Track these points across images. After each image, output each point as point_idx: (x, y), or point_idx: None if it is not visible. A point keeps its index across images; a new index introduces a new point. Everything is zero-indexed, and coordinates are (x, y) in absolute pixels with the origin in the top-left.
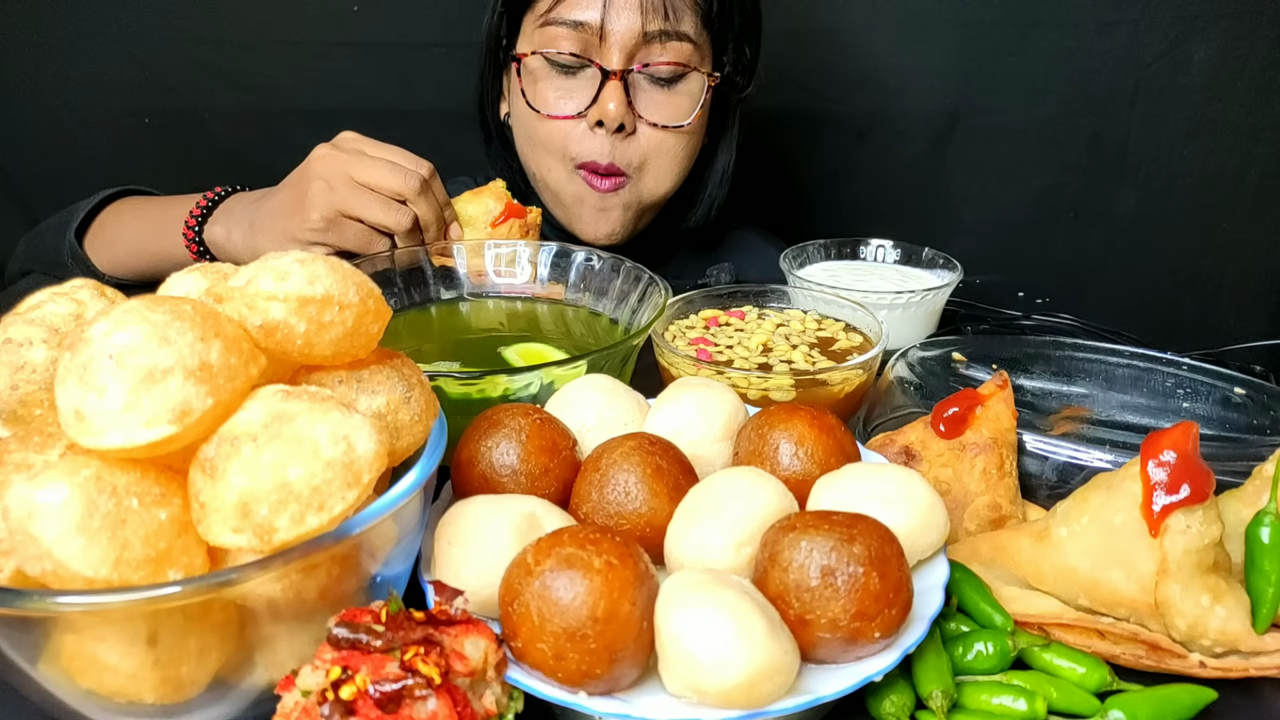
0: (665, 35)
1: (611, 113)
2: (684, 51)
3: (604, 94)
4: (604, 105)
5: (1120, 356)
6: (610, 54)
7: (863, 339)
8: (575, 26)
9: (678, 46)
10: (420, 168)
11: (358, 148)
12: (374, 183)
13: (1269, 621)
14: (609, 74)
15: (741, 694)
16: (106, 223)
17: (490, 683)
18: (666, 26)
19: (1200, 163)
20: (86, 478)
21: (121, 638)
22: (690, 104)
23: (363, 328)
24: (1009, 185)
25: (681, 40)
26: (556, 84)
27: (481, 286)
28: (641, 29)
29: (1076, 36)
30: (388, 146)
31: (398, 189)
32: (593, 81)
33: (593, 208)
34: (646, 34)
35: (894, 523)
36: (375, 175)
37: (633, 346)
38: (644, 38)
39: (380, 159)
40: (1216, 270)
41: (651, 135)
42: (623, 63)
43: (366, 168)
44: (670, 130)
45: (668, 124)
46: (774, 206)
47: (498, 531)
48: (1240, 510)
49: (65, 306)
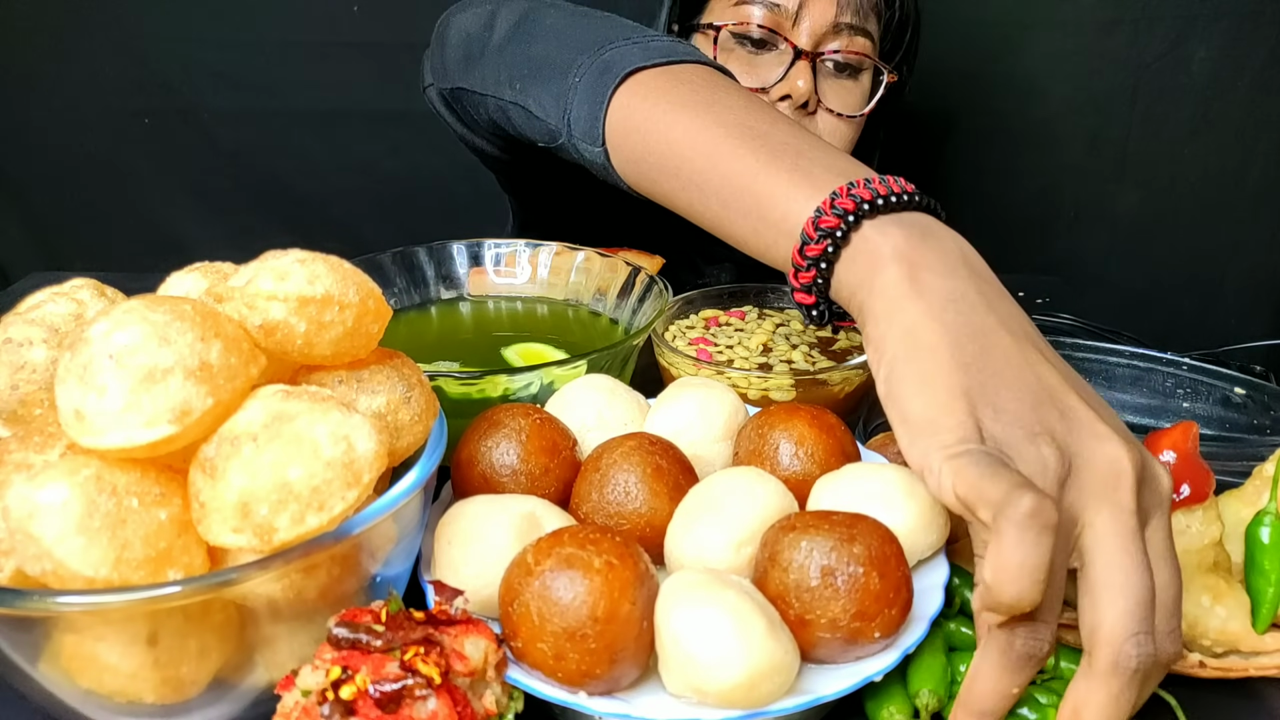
0: (852, 29)
1: (800, 89)
2: (865, 46)
3: (793, 71)
4: (793, 81)
5: (1120, 356)
6: (801, 36)
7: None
8: (771, 7)
9: (862, 42)
10: None
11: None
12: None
13: (1269, 621)
14: (801, 53)
15: (741, 694)
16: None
17: (490, 683)
18: (855, 21)
19: (1200, 162)
20: (86, 478)
21: (121, 638)
22: (864, 96)
23: (363, 328)
24: (1009, 185)
25: (865, 36)
26: (744, 58)
27: (482, 286)
28: (834, 19)
29: (1076, 36)
30: None
31: None
32: (781, 59)
33: None
34: (837, 25)
35: (894, 523)
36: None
37: (633, 346)
38: (834, 28)
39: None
40: (1216, 270)
41: (827, 120)
42: (812, 46)
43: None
44: (844, 119)
45: (844, 112)
46: None
47: (498, 531)
48: (1240, 510)
49: (65, 306)
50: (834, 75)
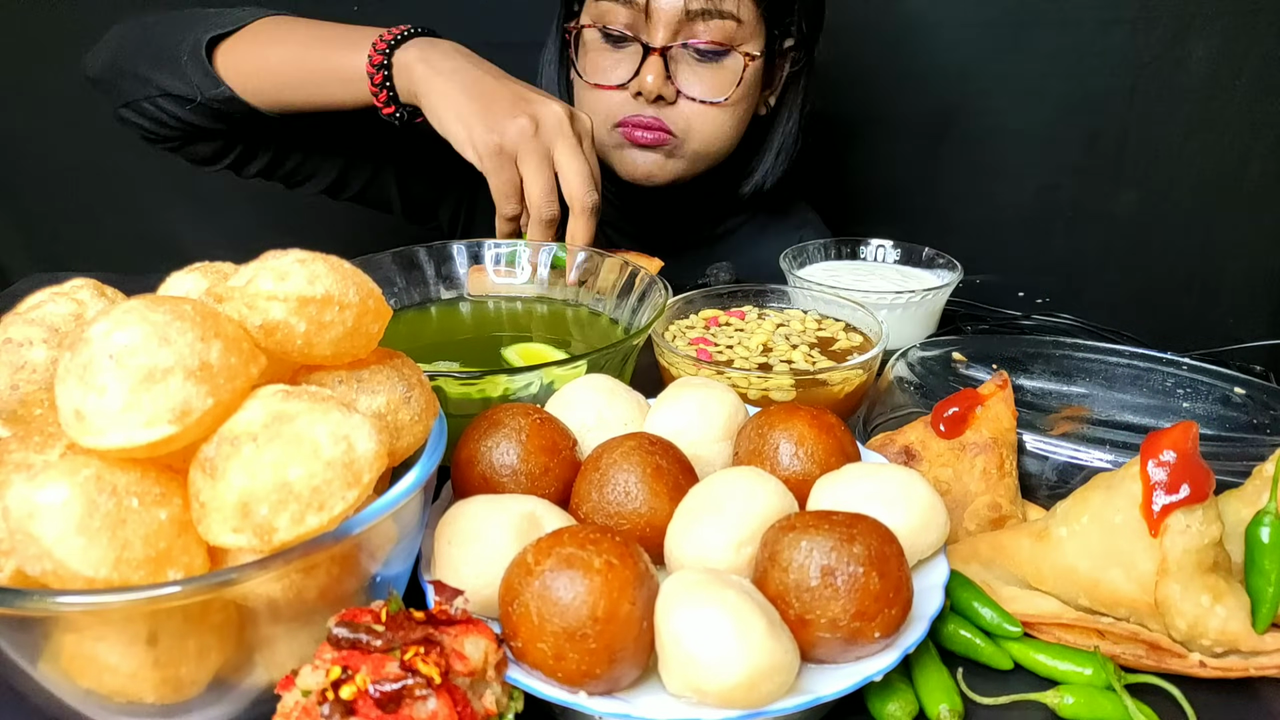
0: (708, 14)
1: (649, 85)
2: (727, 29)
3: (644, 67)
4: (643, 78)
5: (1120, 356)
6: (655, 30)
7: (863, 339)
8: (626, 3)
9: (720, 25)
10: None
11: (583, 130)
12: (560, 166)
13: (1269, 621)
14: (650, 49)
15: (741, 694)
16: (252, 32)
17: (490, 683)
18: (709, 5)
19: (1200, 162)
20: (86, 478)
21: (121, 638)
22: (730, 79)
23: (363, 328)
24: (1008, 185)
25: (725, 18)
26: (606, 55)
27: (482, 286)
28: (685, 8)
29: (1075, 35)
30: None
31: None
32: (637, 55)
33: (631, 153)
34: (689, 12)
35: (894, 523)
36: (568, 163)
37: (633, 346)
38: (687, 15)
39: (584, 159)
40: (1216, 270)
41: (692, 107)
42: (666, 39)
43: (569, 154)
44: (710, 104)
45: (706, 99)
46: None
47: (498, 531)
48: (1240, 510)
49: (65, 306)
50: (698, 62)
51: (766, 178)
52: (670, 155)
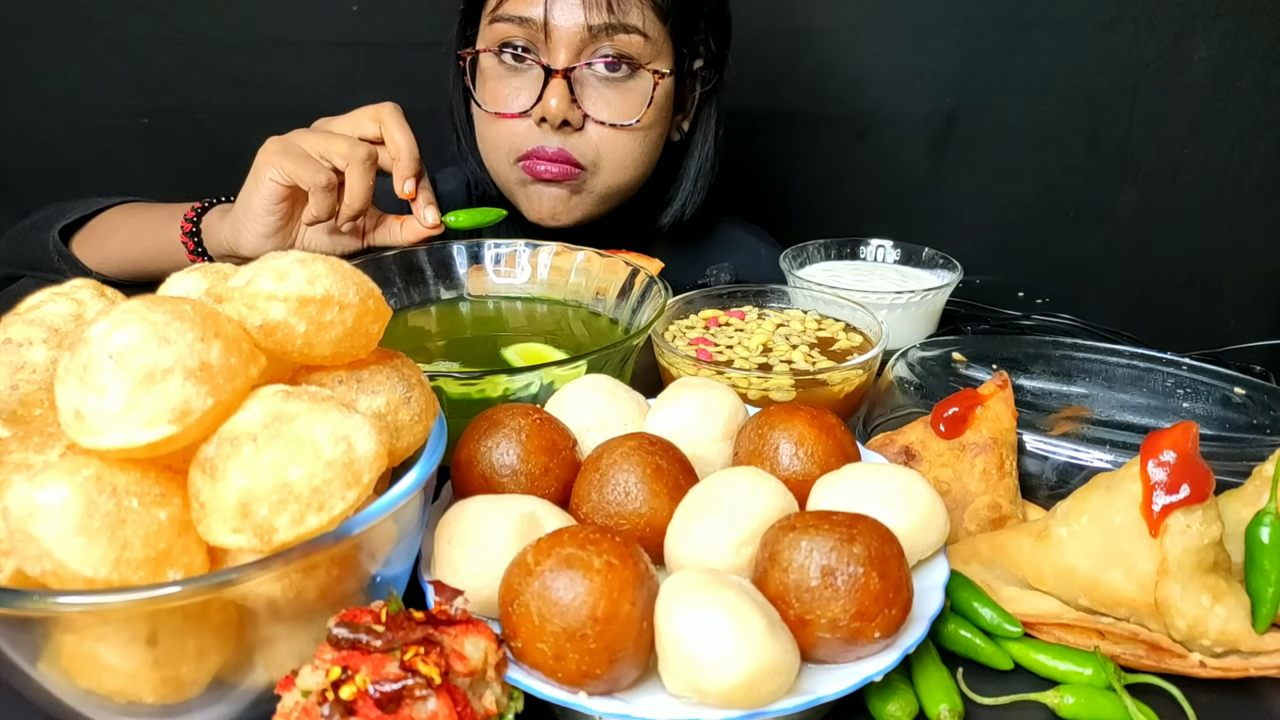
0: (611, 29)
1: (553, 109)
2: (633, 45)
3: (546, 91)
4: (546, 103)
5: (1120, 356)
6: (556, 51)
7: (863, 339)
8: (520, 23)
9: (626, 40)
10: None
11: None
12: (309, 146)
13: (1269, 621)
14: (552, 71)
15: (741, 694)
16: (99, 223)
17: (490, 683)
18: (611, 20)
19: (1200, 162)
20: (86, 478)
21: (121, 638)
22: (640, 100)
23: (363, 328)
24: (1009, 185)
25: (630, 33)
26: (506, 82)
27: (482, 286)
28: (585, 24)
29: (1076, 35)
30: None
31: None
32: (539, 79)
33: (536, 190)
34: (591, 29)
35: (894, 523)
36: (310, 141)
37: (633, 346)
38: (589, 32)
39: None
40: (1216, 270)
41: (601, 132)
42: (568, 60)
43: (304, 137)
44: (620, 128)
45: (615, 121)
46: (773, 207)
47: (498, 531)
48: (1240, 510)
49: (65, 306)
50: (604, 84)
51: (686, 206)
52: (576, 191)
